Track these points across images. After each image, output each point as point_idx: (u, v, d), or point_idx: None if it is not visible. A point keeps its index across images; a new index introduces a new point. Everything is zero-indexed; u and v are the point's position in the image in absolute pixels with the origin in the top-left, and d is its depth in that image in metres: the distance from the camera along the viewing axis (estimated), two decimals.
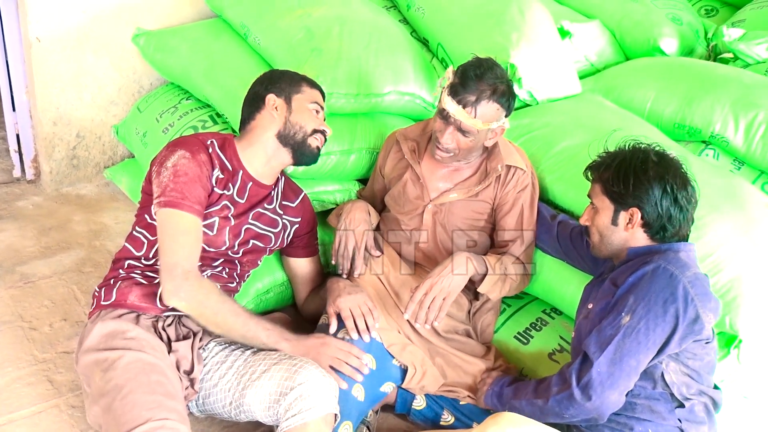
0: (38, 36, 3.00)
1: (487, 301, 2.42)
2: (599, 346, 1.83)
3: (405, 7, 3.18)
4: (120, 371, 1.87)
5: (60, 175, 3.33)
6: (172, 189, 2.01)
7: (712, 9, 4.05)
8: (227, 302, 2.02)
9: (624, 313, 1.83)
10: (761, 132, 2.67)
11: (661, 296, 1.81)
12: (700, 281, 1.85)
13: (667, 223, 1.90)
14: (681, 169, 1.92)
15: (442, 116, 2.20)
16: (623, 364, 1.80)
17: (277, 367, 1.94)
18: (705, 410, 1.92)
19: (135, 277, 2.09)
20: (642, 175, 1.89)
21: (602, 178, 1.97)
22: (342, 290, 2.20)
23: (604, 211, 1.97)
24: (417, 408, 2.29)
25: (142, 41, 3.16)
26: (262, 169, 2.22)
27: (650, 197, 1.88)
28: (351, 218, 2.32)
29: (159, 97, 3.12)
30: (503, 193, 2.31)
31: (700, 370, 1.89)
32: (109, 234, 3.08)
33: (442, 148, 2.22)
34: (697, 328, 1.82)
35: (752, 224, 2.25)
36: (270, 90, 2.21)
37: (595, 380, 1.81)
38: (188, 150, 2.07)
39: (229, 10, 3.02)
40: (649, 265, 1.86)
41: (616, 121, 2.65)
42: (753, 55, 3.16)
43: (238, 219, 2.18)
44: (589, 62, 3.35)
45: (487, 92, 2.14)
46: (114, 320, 1.99)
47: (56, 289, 2.73)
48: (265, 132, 2.19)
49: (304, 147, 2.20)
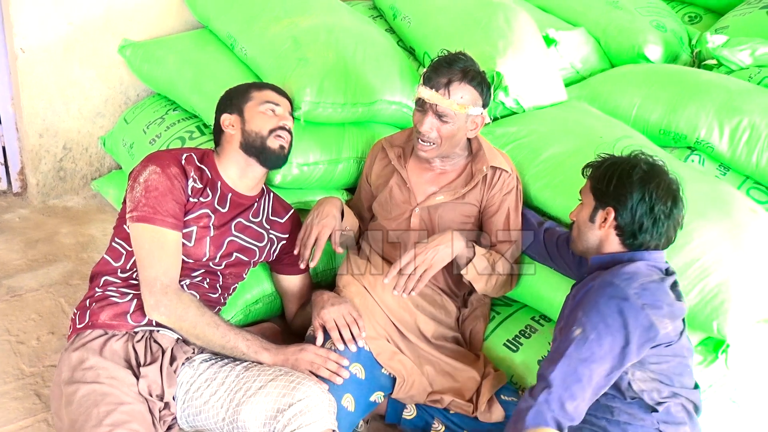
0: (23, 47, 2.99)
1: (476, 308, 2.43)
2: (552, 360, 1.83)
3: (391, 17, 3.20)
4: (74, 406, 1.89)
5: (47, 187, 3.31)
6: (144, 204, 2.04)
7: (696, 16, 4.08)
8: (206, 315, 2.05)
9: (574, 327, 1.83)
10: (745, 137, 2.70)
11: (607, 308, 1.81)
12: (649, 291, 1.84)
13: (637, 230, 1.92)
14: (671, 185, 1.93)
15: (419, 106, 2.23)
16: (577, 374, 1.80)
17: (274, 383, 1.94)
18: (684, 411, 1.92)
19: (109, 296, 2.09)
20: (626, 178, 1.91)
21: (593, 175, 2.01)
22: (326, 302, 2.20)
23: (586, 206, 2.01)
24: (407, 417, 2.29)
25: (128, 52, 3.15)
26: (240, 181, 2.24)
27: (627, 201, 1.90)
28: (319, 211, 2.33)
29: (146, 108, 3.11)
30: (489, 195, 2.33)
31: (668, 372, 1.90)
32: (96, 246, 3.06)
33: (424, 138, 2.23)
34: (652, 334, 1.81)
35: (738, 229, 2.27)
36: (222, 111, 2.27)
37: (552, 393, 1.79)
38: (158, 165, 2.10)
39: (216, 21, 3.02)
40: (596, 281, 1.88)
41: (602, 128, 2.67)
42: (736, 61, 3.19)
43: (220, 229, 2.18)
44: (574, 69, 3.37)
45: (458, 74, 2.18)
46: (78, 351, 2.00)
47: (43, 302, 2.71)
48: (231, 147, 2.23)
49: (266, 151, 2.21)
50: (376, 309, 2.27)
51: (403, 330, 2.27)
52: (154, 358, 2.03)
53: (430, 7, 3.05)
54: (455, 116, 2.20)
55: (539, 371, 1.86)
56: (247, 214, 2.26)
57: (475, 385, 2.25)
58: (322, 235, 2.28)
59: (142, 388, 1.97)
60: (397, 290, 2.21)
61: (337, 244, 2.32)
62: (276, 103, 2.27)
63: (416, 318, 2.30)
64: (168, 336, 2.07)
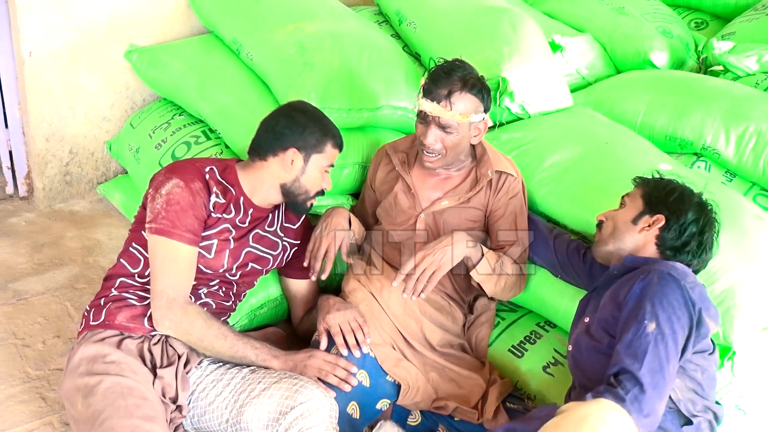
0: (29, 52, 3.01)
1: (482, 314, 2.42)
2: (636, 358, 1.77)
3: (397, 22, 3.20)
4: (99, 397, 1.88)
5: (53, 191, 3.32)
6: (164, 217, 2.03)
7: (702, 22, 4.07)
8: (213, 327, 2.05)
9: (647, 321, 1.79)
10: (752, 144, 2.69)
11: (675, 300, 1.80)
12: (699, 288, 1.86)
13: (681, 247, 1.93)
14: (716, 224, 1.98)
15: (421, 119, 2.23)
16: (665, 372, 1.75)
17: (277, 386, 1.94)
18: (709, 427, 1.91)
19: (126, 297, 2.09)
20: (687, 197, 1.96)
21: (647, 183, 2.03)
22: (332, 307, 2.20)
23: (630, 209, 2.01)
24: (412, 424, 2.28)
25: (134, 57, 3.17)
26: (260, 197, 2.22)
27: (682, 215, 1.92)
28: (328, 222, 2.33)
29: (152, 113, 3.12)
30: (495, 200, 2.33)
31: (704, 383, 1.89)
32: (102, 250, 3.07)
33: (429, 150, 2.23)
34: (704, 332, 1.82)
35: (744, 236, 2.26)
36: (295, 143, 2.15)
37: (647, 392, 1.72)
38: (182, 178, 2.08)
39: (222, 26, 3.03)
40: (651, 273, 1.85)
41: (607, 134, 2.66)
42: (743, 67, 3.18)
43: (239, 241, 2.19)
44: (580, 75, 3.36)
45: (458, 84, 2.18)
46: (96, 344, 2.00)
47: (49, 305, 2.72)
48: (271, 177, 2.18)
49: (298, 206, 2.24)
50: (382, 315, 2.27)
51: (408, 338, 2.26)
52: (170, 361, 2.04)
53: (436, 12, 3.05)
54: (458, 126, 2.20)
55: (621, 365, 1.77)
56: (263, 225, 2.26)
57: (480, 391, 2.24)
58: (332, 247, 2.29)
59: (156, 389, 1.97)
60: (406, 293, 2.18)
61: (347, 254, 2.32)
62: (333, 165, 2.26)
63: (422, 325, 2.29)
64: (182, 342, 2.08)
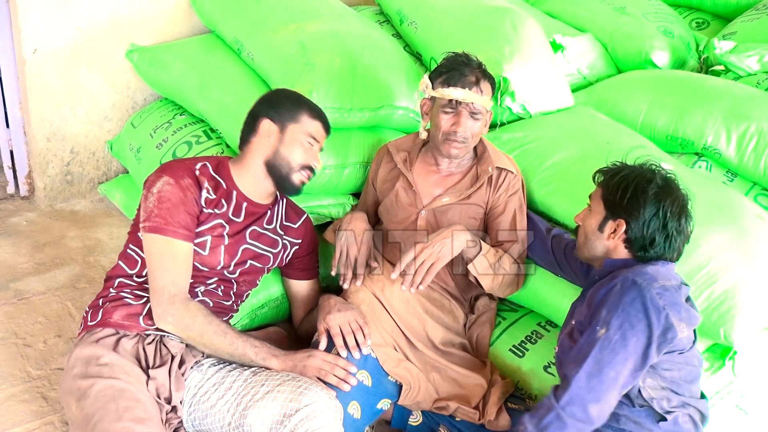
0: (31, 52, 3.01)
1: (483, 314, 2.42)
2: (577, 362, 1.82)
3: (398, 22, 3.20)
4: (91, 400, 1.88)
5: (54, 191, 3.32)
6: (157, 215, 2.05)
7: (703, 22, 4.07)
8: (213, 323, 2.05)
9: (599, 327, 1.83)
10: (753, 144, 2.69)
11: (632, 308, 1.80)
12: (669, 292, 1.84)
13: (648, 245, 1.91)
14: (683, 201, 1.93)
15: (451, 108, 2.24)
16: (603, 376, 1.79)
17: (281, 388, 1.94)
18: (691, 421, 1.91)
19: (123, 297, 2.10)
20: (641, 192, 1.90)
21: (605, 183, 1.99)
22: (332, 307, 2.20)
23: (595, 215, 1.99)
24: (413, 424, 2.28)
25: (135, 57, 3.17)
26: (255, 189, 2.22)
27: (640, 215, 1.89)
28: (350, 228, 2.33)
29: (153, 113, 3.12)
30: (495, 197, 2.34)
31: (680, 380, 1.89)
32: (103, 250, 3.07)
33: (460, 139, 2.25)
34: (670, 336, 1.81)
35: (745, 236, 2.26)
36: (267, 114, 2.17)
37: (575, 395, 1.79)
38: (172, 176, 2.09)
39: (223, 26, 3.03)
40: (617, 279, 1.87)
41: (608, 133, 2.66)
42: (744, 67, 3.18)
43: (234, 238, 2.18)
44: (581, 75, 3.37)
45: (480, 72, 2.26)
46: (91, 345, 2.01)
47: (50, 305, 2.72)
48: (255, 157, 2.19)
49: (286, 182, 2.19)
50: (384, 315, 2.26)
51: (410, 337, 2.26)
52: (163, 361, 2.04)
53: (437, 12, 3.05)
54: (485, 113, 2.27)
55: (563, 371, 1.85)
56: (261, 222, 2.26)
57: (481, 392, 2.25)
58: (363, 253, 2.30)
59: (150, 389, 1.97)
60: (405, 285, 2.19)
61: (373, 259, 2.33)
62: (318, 140, 2.21)
63: (425, 324, 2.29)
64: (177, 342, 2.08)
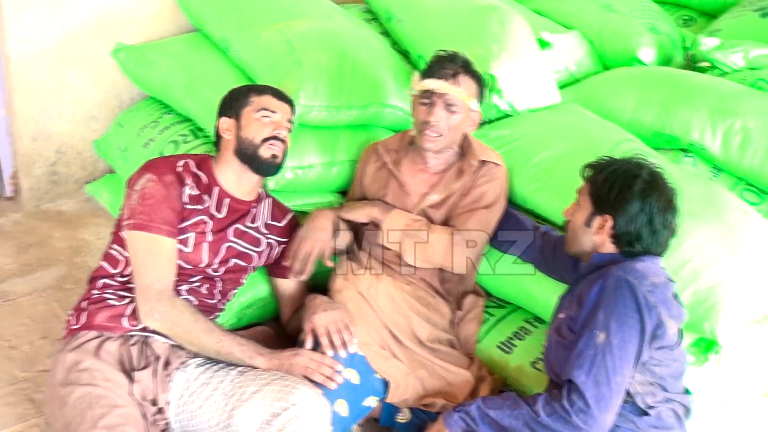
0: (17, 49, 2.99)
1: (470, 311, 2.42)
2: (581, 368, 1.82)
3: (386, 20, 3.19)
4: (69, 408, 1.88)
5: (40, 191, 3.30)
6: (140, 212, 2.05)
7: (690, 19, 4.09)
8: (200, 320, 2.04)
9: (598, 331, 1.83)
10: (738, 140, 2.71)
11: (628, 307, 1.81)
12: (659, 289, 1.86)
13: (635, 240, 1.92)
14: (670, 196, 1.94)
15: (426, 98, 2.28)
16: (611, 384, 1.79)
17: (269, 388, 1.93)
18: (674, 416, 1.92)
19: (107, 298, 2.09)
20: (627, 188, 1.91)
21: (593, 178, 2.00)
22: (318, 307, 2.19)
23: (583, 210, 2.00)
24: (401, 421, 2.28)
25: (122, 56, 3.15)
26: (236, 185, 2.23)
27: (627, 211, 1.90)
28: (313, 225, 2.34)
29: (140, 112, 3.11)
30: (472, 183, 2.36)
31: (668, 376, 1.90)
32: (90, 250, 3.06)
33: (434, 129, 2.27)
34: (660, 333, 1.83)
35: (731, 231, 2.27)
36: (222, 113, 2.25)
37: (591, 406, 1.78)
38: (154, 172, 2.11)
39: (210, 24, 3.02)
40: (608, 278, 1.87)
41: (596, 130, 2.67)
42: (730, 63, 3.19)
43: (217, 235, 2.18)
44: (568, 72, 3.37)
45: (462, 67, 2.29)
46: (73, 352, 2.00)
47: (36, 306, 2.71)
48: (227, 153, 2.22)
49: (258, 160, 2.19)
50: (370, 314, 2.26)
51: (397, 334, 2.26)
52: (147, 362, 2.03)
53: (425, 10, 3.05)
54: (462, 106, 2.27)
55: (567, 376, 1.84)
56: (245, 220, 2.26)
57: (468, 388, 2.25)
58: (314, 249, 2.29)
59: (135, 392, 1.96)
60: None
61: (329, 257, 2.32)
62: (273, 110, 2.22)
63: (411, 321, 2.29)
64: (161, 342, 2.07)
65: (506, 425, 1.88)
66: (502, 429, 1.88)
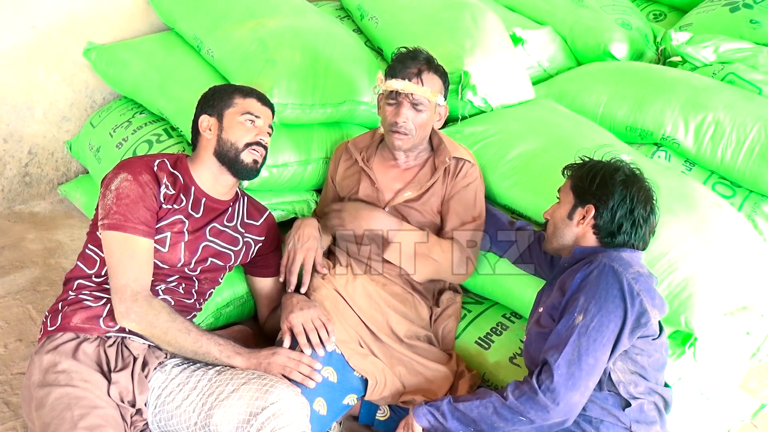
0: None
1: (448, 307, 2.44)
2: (556, 348, 1.85)
3: (359, 17, 3.19)
4: (47, 409, 1.87)
5: (12, 192, 3.27)
6: (116, 212, 2.04)
7: (660, 14, 4.13)
8: (177, 321, 2.04)
9: (576, 313, 1.86)
10: (710, 133, 2.74)
11: (609, 293, 1.84)
12: (643, 278, 1.89)
13: (616, 231, 1.95)
14: (649, 192, 1.98)
15: (392, 98, 2.29)
16: (582, 364, 1.82)
17: (246, 387, 1.93)
18: (656, 409, 1.95)
19: (83, 299, 2.07)
20: (609, 178, 1.95)
21: (574, 173, 2.04)
22: (295, 306, 2.19)
23: (565, 204, 2.03)
24: (381, 419, 2.28)
25: (93, 55, 3.12)
26: (213, 185, 2.22)
27: (609, 200, 1.93)
28: (300, 235, 2.33)
29: (112, 112, 3.08)
30: (452, 185, 2.37)
31: (649, 367, 1.93)
32: (64, 251, 3.02)
33: (401, 130, 2.28)
34: (644, 321, 1.85)
35: (704, 224, 2.30)
36: (202, 111, 2.23)
37: (557, 383, 1.81)
38: (130, 172, 2.09)
39: (182, 23, 3.00)
40: (594, 264, 1.90)
41: (569, 125, 2.69)
42: (700, 57, 3.23)
43: (194, 234, 2.17)
44: (541, 68, 3.39)
45: (425, 65, 2.30)
46: (49, 353, 1.98)
47: (10, 309, 2.67)
48: (205, 153, 2.21)
49: (238, 164, 2.18)
50: (347, 311, 2.27)
51: (375, 330, 2.27)
52: (125, 363, 2.01)
53: (398, 7, 3.06)
54: (428, 104, 2.27)
55: (544, 356, 1.86)
56: (221, 219, 2.25)
57: (447, 384, 2.26)
58: (308, 259, 2.29)
59: (113, 394, 1.95)
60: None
61: (321, 265, 2.32)
62: (257, 115, 2.21)
63: (388, 318, 2.30)
64: (138, 343, 2.06)
65: (474, 416, 1.89)
66: (471, 421, 1.90)
